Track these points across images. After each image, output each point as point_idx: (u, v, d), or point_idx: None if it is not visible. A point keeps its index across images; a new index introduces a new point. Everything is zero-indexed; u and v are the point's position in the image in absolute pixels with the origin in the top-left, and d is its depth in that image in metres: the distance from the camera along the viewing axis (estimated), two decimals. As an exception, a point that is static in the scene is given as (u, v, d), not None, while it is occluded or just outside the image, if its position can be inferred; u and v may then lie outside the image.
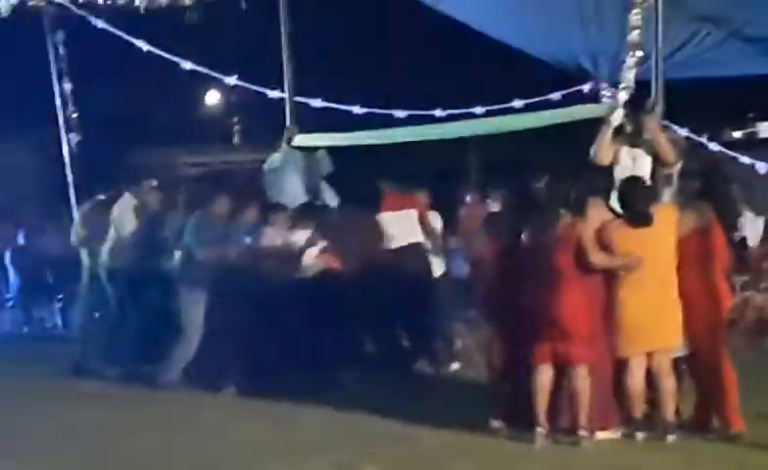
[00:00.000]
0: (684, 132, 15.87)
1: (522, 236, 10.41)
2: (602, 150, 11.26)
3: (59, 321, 18.63)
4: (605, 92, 16.44)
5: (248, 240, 13.29)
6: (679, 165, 11.28)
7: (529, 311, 10.28)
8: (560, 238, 10.23)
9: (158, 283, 13.59)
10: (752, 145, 23.81)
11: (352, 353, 13.44)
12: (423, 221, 14.12)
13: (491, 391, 10.90)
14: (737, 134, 27.43)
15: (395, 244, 13.84)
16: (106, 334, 14.12)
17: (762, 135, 28.28)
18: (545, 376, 10.24)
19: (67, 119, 16.96)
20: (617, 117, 11.41)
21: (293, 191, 14.25)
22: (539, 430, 10.18)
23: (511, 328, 10.55)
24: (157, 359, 13.37)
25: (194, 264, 13.16)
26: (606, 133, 11.31)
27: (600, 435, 10.24)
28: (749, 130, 28.48)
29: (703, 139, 18.19)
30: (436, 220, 14.54)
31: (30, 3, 16.29)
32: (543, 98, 17.82)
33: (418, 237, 13.97)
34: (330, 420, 11.39)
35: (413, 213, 14.01)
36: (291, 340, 12.57)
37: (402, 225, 13.89)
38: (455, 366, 13.89)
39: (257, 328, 12.69)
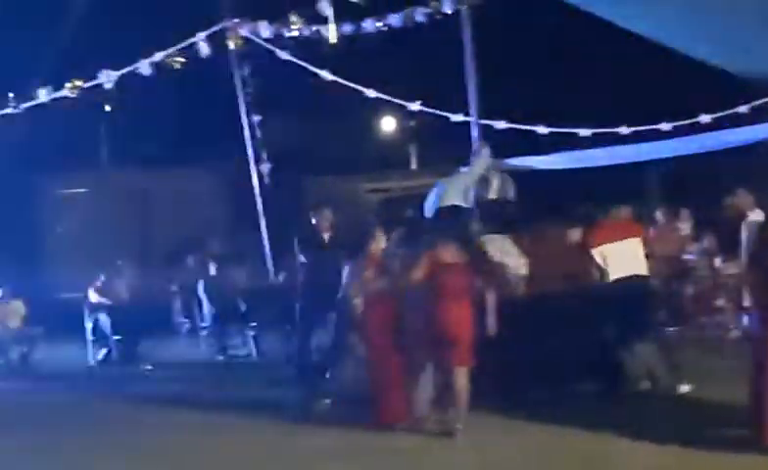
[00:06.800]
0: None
1: None
2: None
3: (252, 349, 18.88)
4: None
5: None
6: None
7: None
8: None
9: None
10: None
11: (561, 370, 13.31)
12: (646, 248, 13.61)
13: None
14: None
15: (617, 275, 13.25)
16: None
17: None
18: None
19: (255, 151, 17.25)
20: None
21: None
22: None
23: None
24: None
25: None
26: None
27: None
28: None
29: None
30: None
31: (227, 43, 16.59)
32: (731, 111, 17.49)
33: (642, 268, 13.48)
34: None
35: (636, 243, 13.49)
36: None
37: (624, 256, 13.36)
38: (684, 388, 13.19)
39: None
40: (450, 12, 15.67)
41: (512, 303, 12.98)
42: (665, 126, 17.62)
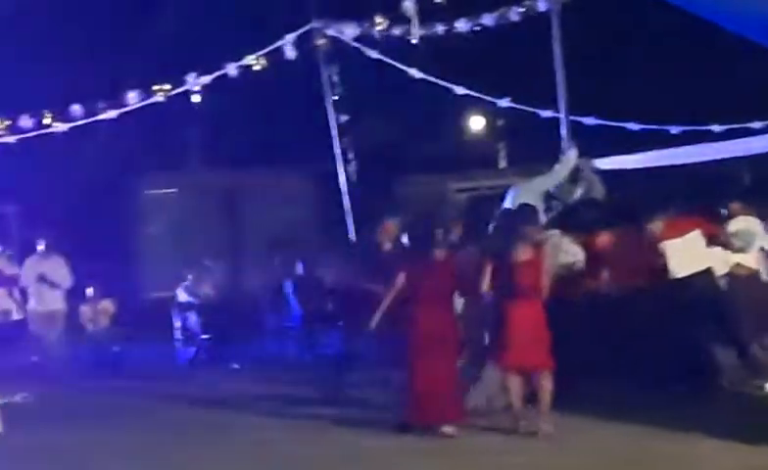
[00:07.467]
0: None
1: None
2: None
3: (340, 348, 18.84)
4: None
5: None
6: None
7: None
8: None
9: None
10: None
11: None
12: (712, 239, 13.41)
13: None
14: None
15: (680, 273, 13.14)
16: None
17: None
18: None
19: (343, 151, 17.23)
20: None
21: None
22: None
23: None
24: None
25: None
26: None
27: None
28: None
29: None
30: None
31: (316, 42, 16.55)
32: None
33: (706, 263, 13.28)
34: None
35: (698, 236, 13.35)
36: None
37: (688, 252, 13.23)
38: None
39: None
40: (544, 10, 15.55)
41: (591, 302, 12.91)
42: (757, 125, 17.35)
